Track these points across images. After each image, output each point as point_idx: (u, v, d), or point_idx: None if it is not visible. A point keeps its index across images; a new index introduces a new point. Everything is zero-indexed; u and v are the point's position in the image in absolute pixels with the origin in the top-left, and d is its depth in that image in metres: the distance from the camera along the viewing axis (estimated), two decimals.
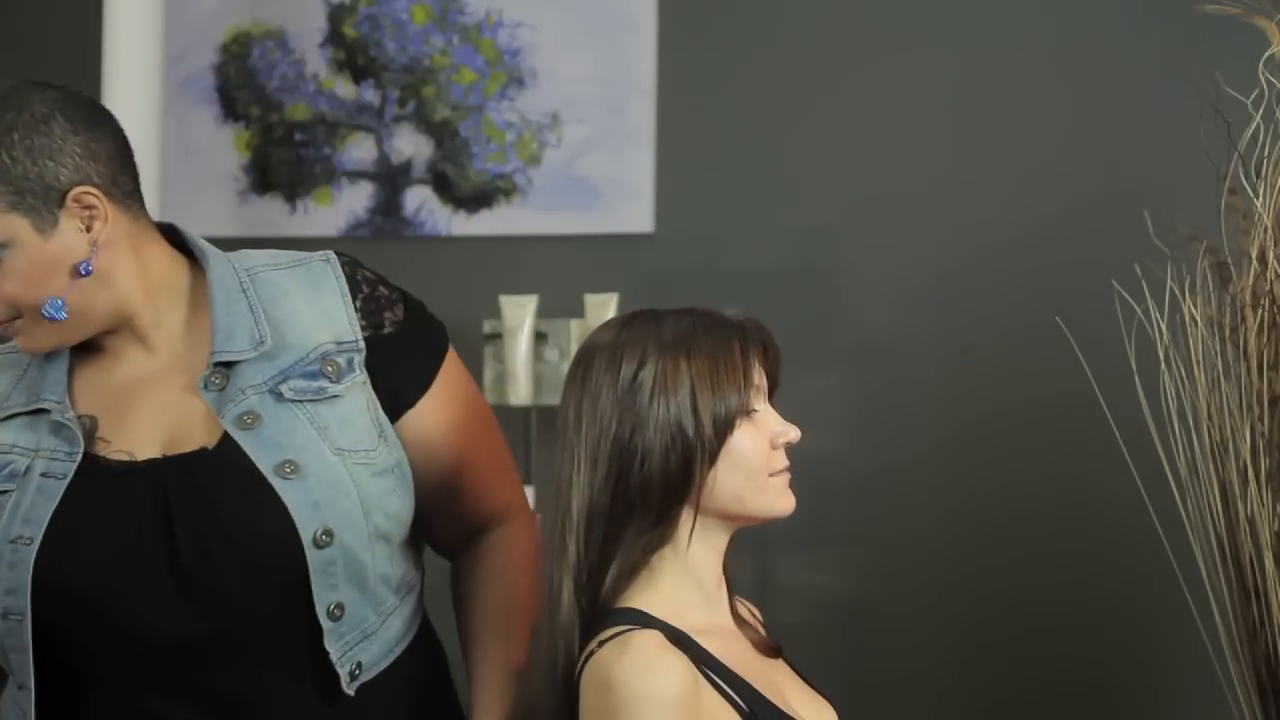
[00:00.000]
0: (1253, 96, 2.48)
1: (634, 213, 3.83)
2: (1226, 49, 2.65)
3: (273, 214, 4.04)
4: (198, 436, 1.82)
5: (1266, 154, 2.47)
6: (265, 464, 1.79)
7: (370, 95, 4.00)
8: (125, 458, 1.82)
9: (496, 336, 3.75)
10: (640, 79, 3.83)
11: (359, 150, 4.01)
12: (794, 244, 3.71)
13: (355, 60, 4.01)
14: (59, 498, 1.78)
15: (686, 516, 1.72)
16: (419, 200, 3.96)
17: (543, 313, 3.72)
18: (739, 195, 3.77)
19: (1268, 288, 2.42)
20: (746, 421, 1.72)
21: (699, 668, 1.66)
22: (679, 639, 1.67)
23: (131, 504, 1.79)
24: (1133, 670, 3.43)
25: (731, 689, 1.68)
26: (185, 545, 1.77)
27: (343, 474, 1.82)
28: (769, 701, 1.70)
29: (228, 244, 1.96)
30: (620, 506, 1.70)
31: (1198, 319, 2.48)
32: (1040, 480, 3.51)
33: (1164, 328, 2.51)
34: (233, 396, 1.82)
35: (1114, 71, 3.52)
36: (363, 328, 1.90)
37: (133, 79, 3.35)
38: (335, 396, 1.85)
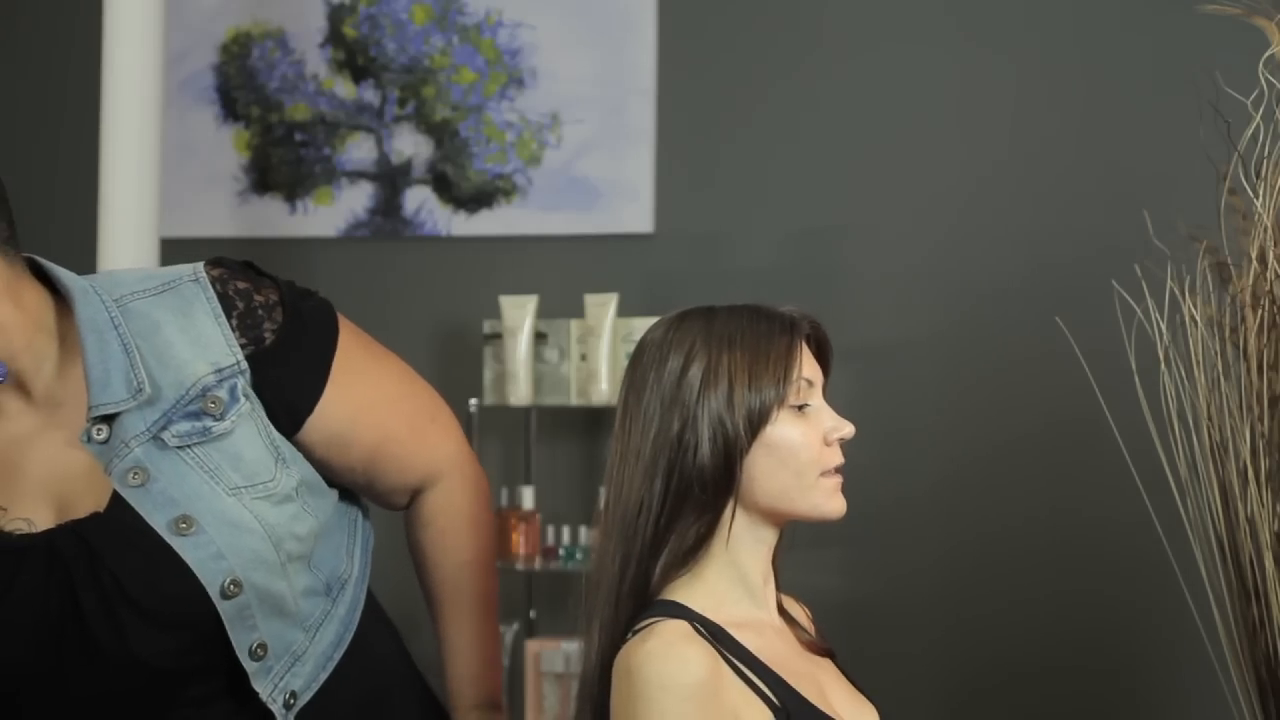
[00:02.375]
0: (1253, 96, 2.48)
1: (634, 213, 3.83)
2: (1226, 49, 2.64)
3: (273, 214, 4.04)
4: (88, 498, 1.73)
5: (1266, 154, 2.47)
6: (159, 522, 1.72)
7: (370, 95, 4.00)
8: (24, 526, 1.73)
9: (496, 336, 3.75)
10: (640, 79, 3.83)
11: (359, 150, 4.01)
12: (794, 244, 3.71)
13: (355, 60, 4.01)
14: None
15: (725, 510, 1.72)
16: (419, 200, 3.96)
17: (543, 313, 3.72)
18: (739, 195, 3.77)
19: (1268, 288, 2.42)
20: (794, 416, 1.72)
21: (730, 661, 1.66)
22: (713, 631, 1.67)
23: (35, 578, 1.71)
24: (1133, 670, 3.43)
25: (765, 683, 1.67)
26: (92, 616, 1.70)
27: (242, 513, 1.75)
28: (805, 699, 1.70)
29: (228, 244, 1.96)
30: (672, 500, 1.70)
31: (1198, 319, 2.48)
32: (1040, 480, 3.51)
33: (1164, 328, 2.51)
34: (117, 450, 1.73)
35: (1114, 72, 3.52)
36: (243, 346, 1.78)
37: (133, 79, 3.34)
38: (222, 435, 1.76)
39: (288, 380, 1.80)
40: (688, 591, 1.71)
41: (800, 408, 1.73)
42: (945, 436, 3.59)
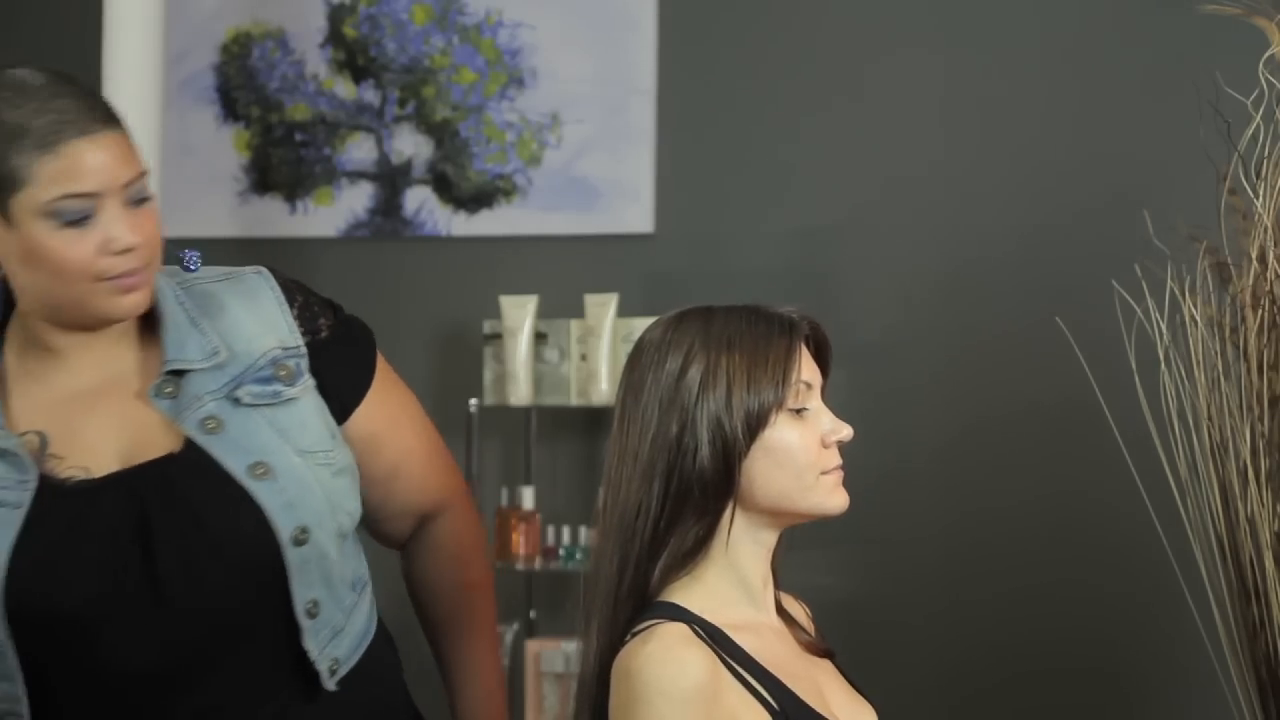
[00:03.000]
0: (1253, 96, 2.48)
1: (634, 213, 3.83)
2: (1226, 49, 2.65)
3: (273, 214, 4.04)
4: (159, 444, 1.78)
5: (1266, 154, 2.47)
6: (235, 466, 1.77)
7: (370, 95, 4.00)
8: (80, 474, 1.77)
9: (496, 336, 3.75)
10: (640, 79, 3.83)
11: (359, 150, 4.01)
12: (794, 244, 3.71)
13: (355, 60, 4.01)
14: (18, 526, 1.72)
15: (724, 512, 1.72)
16: (419, 200, 3.96)
17: (543, 313, 3.72)
18: (739, 195, 3.77)
19: (1268, 288, 2.42)
20: (792, 418, 1.71)
21: (729, 664, 1.66)
22: (712, 634, 1.67)
23: (102, 520, 1.75)
24: (1133, 669, 3.43)
25: (763, 686, 1.67)
26: (164, 555, 1.75)
27: (308, 474, 1.81)
28: (803, 701, 1.69)
29: (228, 244, 1.97)
30: (671, 502, 1.70)
31: (1198, 319, 2.48)
32: (1040, 480, 3.51)
33: (1164, 328, 2.51)
34: (189, 404, 1.78)
35: (1114, 72, 3.52)
36: (302, 333, 1.87)
37: (133, 79, 3.34)
38: (291, 399, 1.84)
39: (339, 373, 1.89)
40: (687, 593, 1.70)
41: (798, 410, 1.73)
42: (945, 436, 3.59)
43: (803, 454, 1.71)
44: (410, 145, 3.98)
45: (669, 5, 3.82)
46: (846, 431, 1.75)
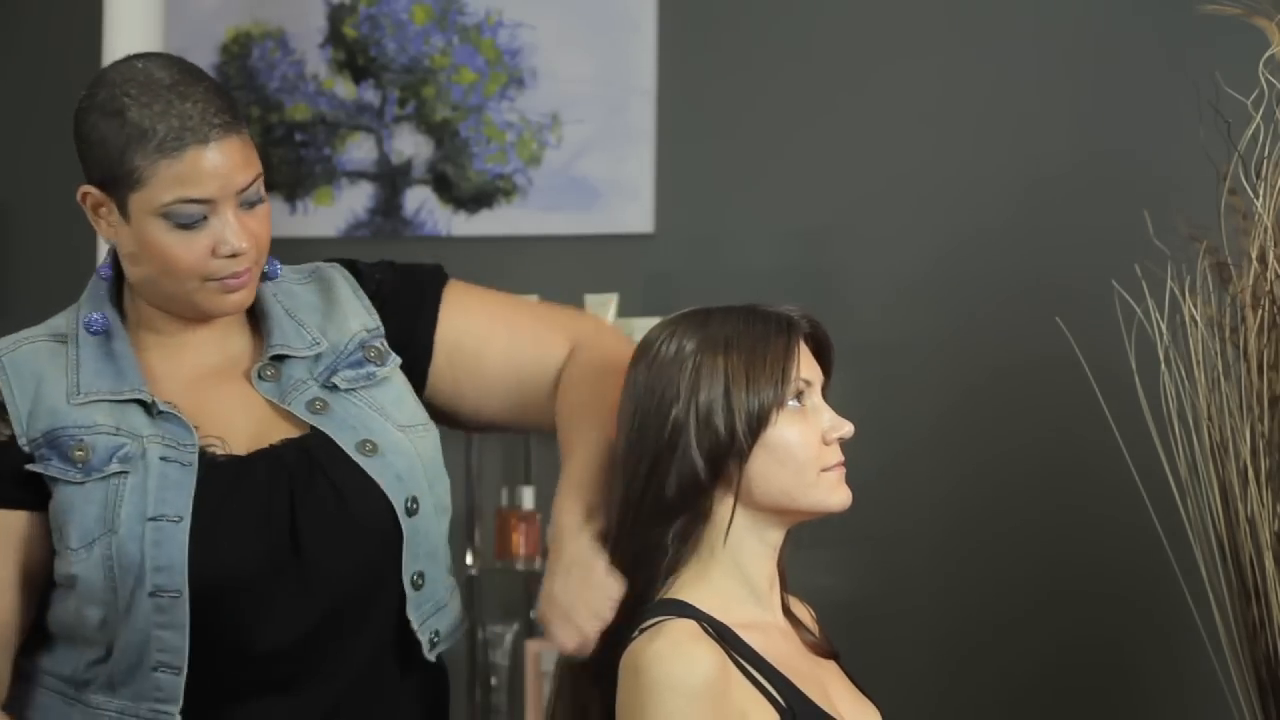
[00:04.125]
0: (1253, 96, 2.48)
1: (634, 213, 3.83)
2: (1226, 49, 2.65)
3: (273, 214, 4.03)
4: (279, 425, 1.86)
5: (1266, 154, 2.47)
6: (347, 443, 1.85)
7: (370, 95, 4.00)
8: (218, 445, 1.84)
9: None
10: (640, 79, 3.83)
11: (359, 150, 4.01)
12: (794, 244, 3.71)
13: (355, 60, 4.01)
14: (194, 482, 1.80)
15: (724, 511, 1.72)
16: (419, 200, 3.96)
17: None
18: (739, 195, 3.77)
19: (1268, 288, 2.42)
20: (793, 416, 1.72)
21: (737, 661, 1.67)
22: (720, 631, 1.67)
23: (256, 493, 1.81)
24: (1133, 670, 3.43)
25: (771, 684, 1.67)
26: (306, 526, 1.81)
27: (410, 448, 1.88)
28: (809, 700, 1.70)
29: None
30: (658, 502, 1.71)
31: (1198, 319, 2.48)
32: (1040, 480, 3.51)
33: (1164, 328, 2.51)
34: (293, 387, 1.87)
35: (1114, 72, 3.52)
36: (377, 309, 1.96)
37: None
38: (385, 379, 1.91)
39: (408, 312, 1.98)
40: (694, 591, 1.71)
41: (799, 409, 1.73)
42: (944, 437, 3.59)
43: (803, 451, 1.72)
44: (410, 145, 3.97)
45: (669, 5, 3.82)
46: (847, 428, 1.75)
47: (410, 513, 1.85)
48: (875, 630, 3.52)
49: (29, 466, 1.80)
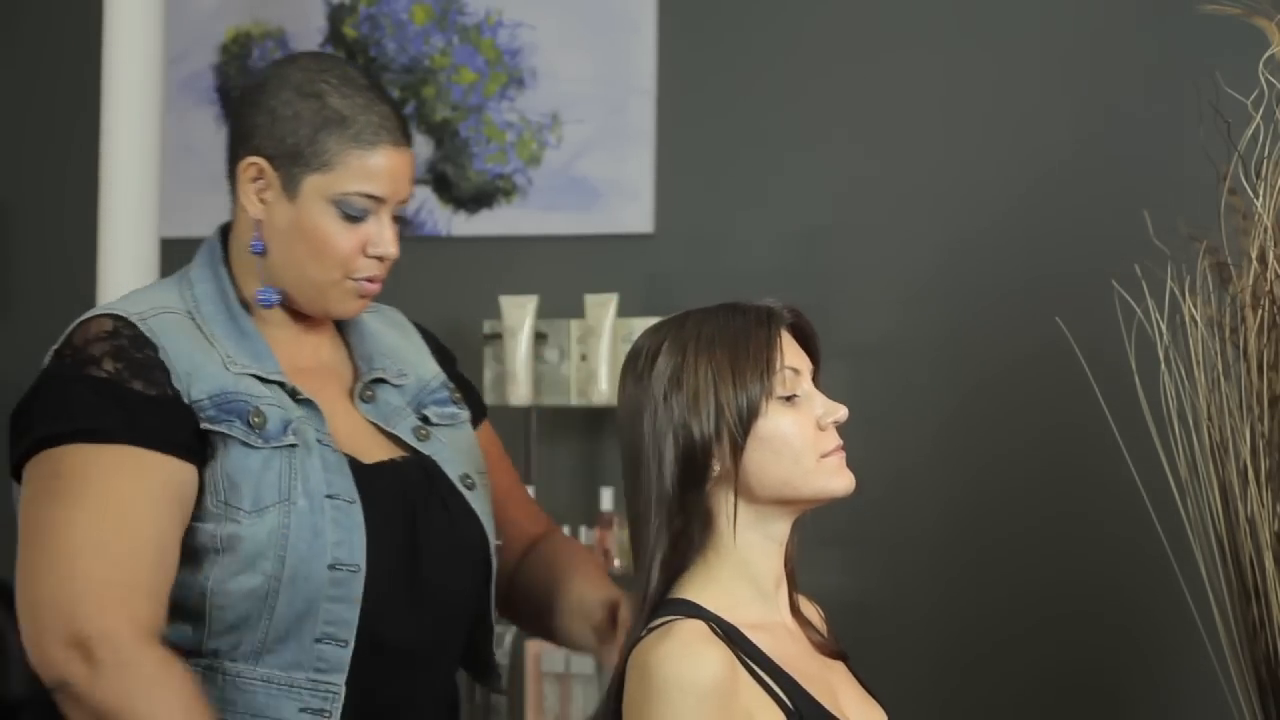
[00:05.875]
0: (1253, 96, 2.48)
1: (634, 213, 3.83)
2: (1226, 49, 2.65)
3: None
4: (378, 442, 1.90)
5: (1266, 154, 2.47)
6: (453, 473, 1.91)
7: None
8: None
9: (496, 336, 3.75)
10: (640, 79, 3.83)
11: None
12: (794, 244, 3.71)
13: (355, 60, 4.01)
14: (350, 470, 1.83)
15: (724, 508, 1.72)
16: (419, 200, 3.96)
17: (543, 313, 3.72)
18: (739, 195, 3.77)
19: (1268, 288, 2.42)
20: (784, 406, 1.72)
21: (744, 662, 1.67)
22: (727, 632, 1.67)
23: (390, 495, 1.86)
24: (1133, 670, 3.43)
25: (778, 685, 1.67)
26: (426, 544, 1.86)
27: (486, 493, 1.96)
28: (817, 701, 1.69)
29: None
30: (661, 504, 1.71)
31: (1198, 319, 2.48)
32: (1040, 480, 3.51)
33: (1164, 328, 2.51)
34: (394, 412, 1.92)
35: (1114, 72, 3.52)
36: (442, 369, 2.04)
37: (133, 79, 3.34)
38: (464, 423, 1.99)
39: (469, 403, 2.05)
40: (701, 591, 1.71)
41: (789, 398, 1.73)
42: (945, 436, 3.59)
43: (798, 439, 1.72)
44: None
45: (669, 5, 3.82)
46: (842, 412, 1.75)
47: (496, 550, 1.93)
48: (875, 629, 3.52)
49: (210, 425, 1.79)
